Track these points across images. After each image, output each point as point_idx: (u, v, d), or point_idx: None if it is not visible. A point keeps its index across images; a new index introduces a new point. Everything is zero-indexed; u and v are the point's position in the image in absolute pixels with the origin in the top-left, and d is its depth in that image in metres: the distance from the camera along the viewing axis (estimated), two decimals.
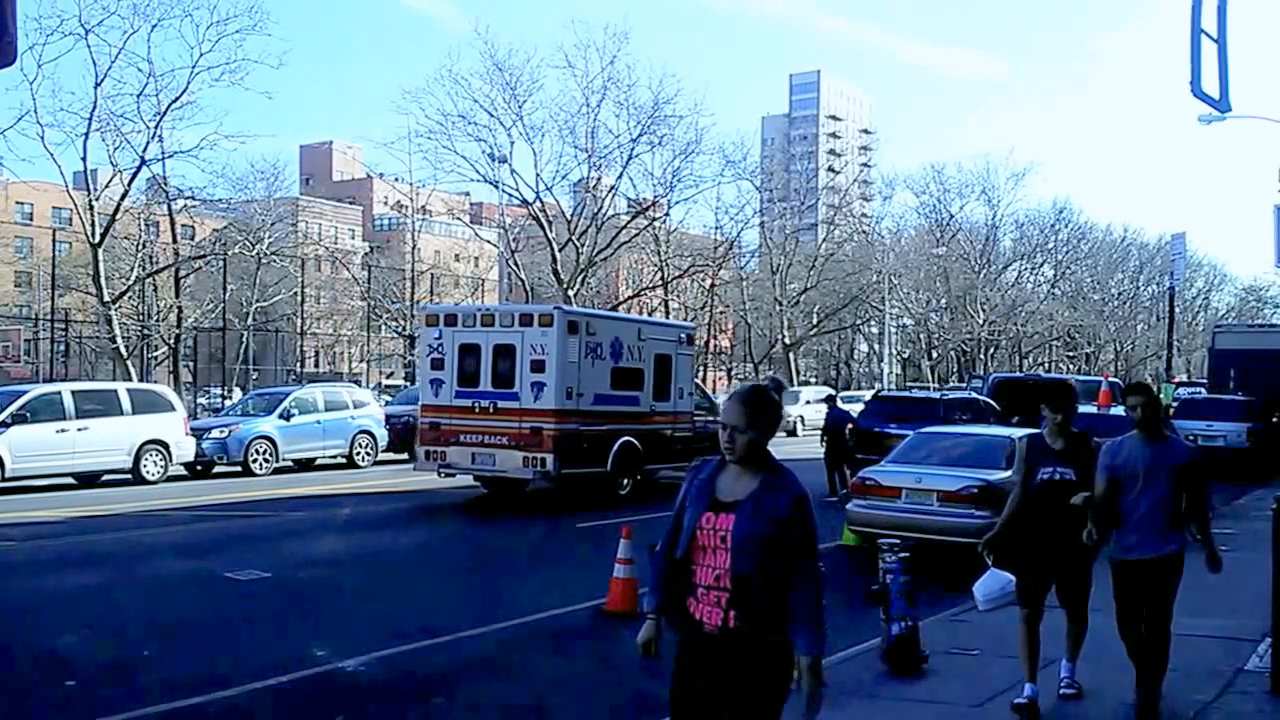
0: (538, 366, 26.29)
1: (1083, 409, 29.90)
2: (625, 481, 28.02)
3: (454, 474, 27.71)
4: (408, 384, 69.19)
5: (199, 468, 34.03)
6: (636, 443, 28.32)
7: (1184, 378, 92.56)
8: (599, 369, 27.50)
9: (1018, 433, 16.32)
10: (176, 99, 50.66)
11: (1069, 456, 9.84)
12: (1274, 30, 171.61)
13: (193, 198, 62.90)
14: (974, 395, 36.60)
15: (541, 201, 66.86)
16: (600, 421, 27.38)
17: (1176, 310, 71.74)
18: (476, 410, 26.85)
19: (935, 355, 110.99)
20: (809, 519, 5.71)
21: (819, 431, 32.57)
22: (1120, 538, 9.63)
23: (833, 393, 41.04)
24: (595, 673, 12.34)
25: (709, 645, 5.73)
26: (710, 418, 30.78)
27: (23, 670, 12.18)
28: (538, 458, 26.07)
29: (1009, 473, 10.43)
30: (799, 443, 47.20)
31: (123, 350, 52.39)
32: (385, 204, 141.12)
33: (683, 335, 31.91)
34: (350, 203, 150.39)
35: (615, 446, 27.72)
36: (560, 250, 65.43)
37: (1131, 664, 9.77)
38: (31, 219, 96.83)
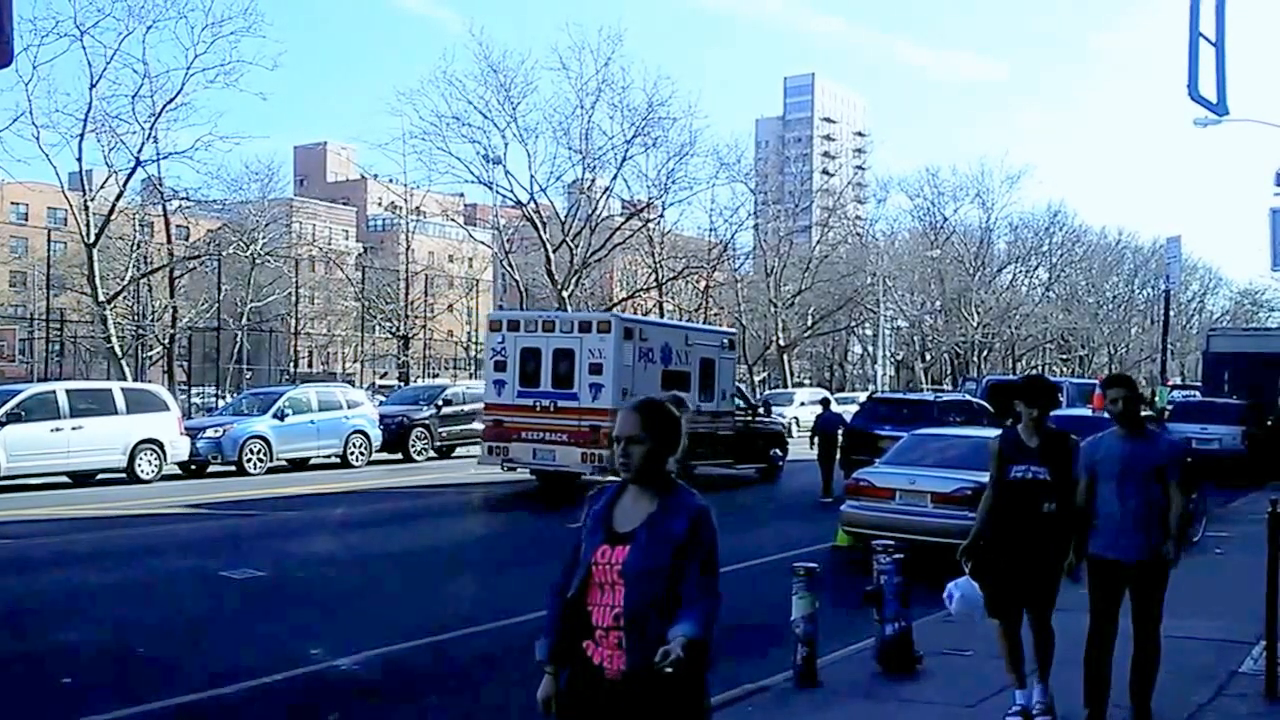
0: (596, 369, 28.42)
1: (1079, 411, 30.00)
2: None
3: (515, 468, 29.51)
4: (401, 384, 69.27)
5: (193, 467, 34.01)
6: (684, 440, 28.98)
7: (1178, 380, 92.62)
8: (651, 371, 29.62)
9: None
10: (171, 100, 50.60)
11: (1043, 455, 9.38)
12: (1270, 33, 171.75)
13: (187, 198, 62.81)
14: (967, 397, 36.69)
15: (536, 203, 66.85)
16: None
17: (1171, 313, 71.72)
18: (537, 409, 28.78)
19: (929, 357, 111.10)
20: (708, 536, 5.13)
21: (809, 434, 33.03)
22: (1097, 537, 9.17)
23: (828, 396, 41.16)
24: None
25: (612, 692, 5.14)
26: (750, 417, 34.11)
27: (19, 667, 12.18)
28: (596, 453, 27.71)
29: None
30: (793, 443, 47.23)
31: (117, 350, 52.37)
32: (379, 205, 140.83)
33: (725, 340, 34.62)
34: (344, 204, 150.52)
35: None
36: (554, 251, 65.43)
37: (1114, 670, 9.29)
38: (27, 219, 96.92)
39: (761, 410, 36.79)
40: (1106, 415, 9.40)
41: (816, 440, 30.82)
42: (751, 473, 34.11)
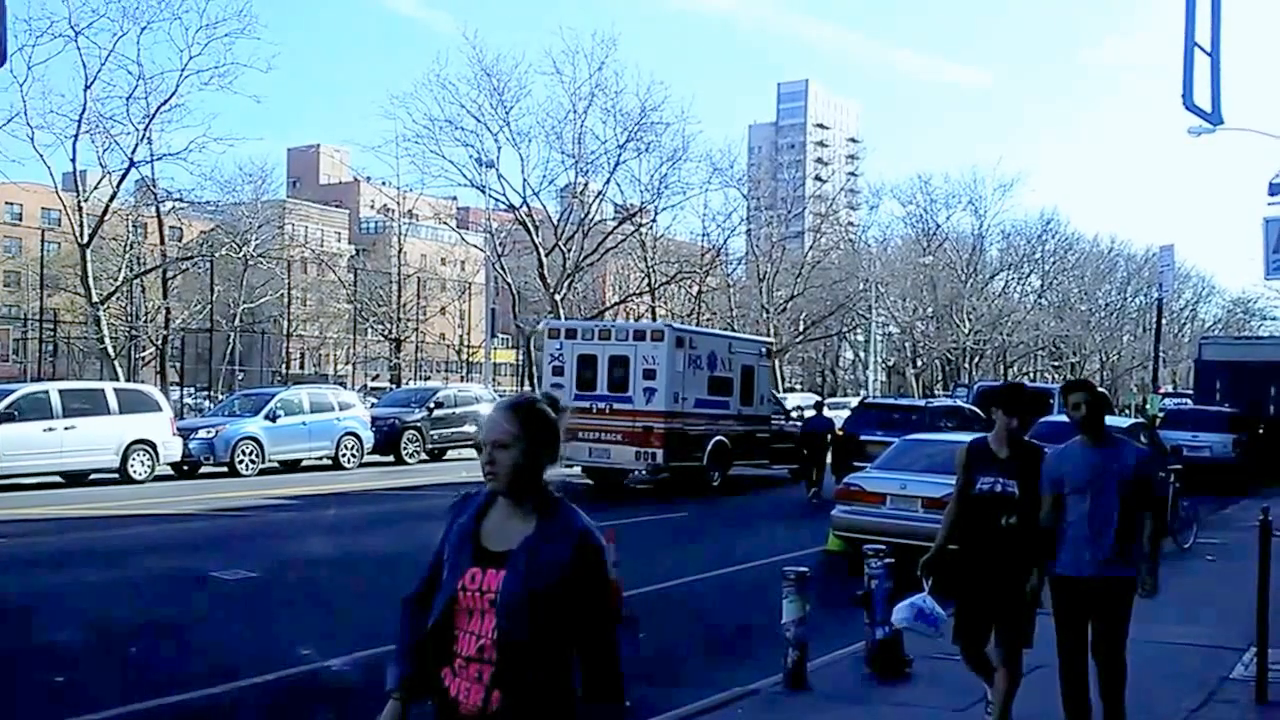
0: (649, 375, 30.36)
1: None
2: (716, 474, 31.84)
3: (572, 465, 30.58)
4: (393, 386, 69.22)
5: (185, 468, 33.97)
6: (726, 441, 32.21)
7: (1170, 388, 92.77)
8: (699, 377, 31.60)
9: None
10: (165, 102, 50.51)
11: (1014, 468, 8.81)
12: (1264, 42, 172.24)
13: (181, 200, 62.86)
14: (958, 403, 36.82)
15: (528, 206, 66.83)
16: (699, 422, 31.36)
17: (1163, 321, 71.87)
18: (594, 411, 30.34)
19: (920, 364, 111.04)
20: (600, 567, 4.49)
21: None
22: (1061, 552, 8.59)
23: (820, 400, 41.47)
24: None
25: None
26: (784, 421, 35.78)
27: (12, 665, 12.19)
28: (648, 452, 30.23)
29: None
30: None
31: (110, 350, 52.34)
32: (372, 207, 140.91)
33: (763, 349, 37.04)
34: (336, 206, 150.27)
35: (710, 444, 31.59)
36: (547, 255, 65.39)
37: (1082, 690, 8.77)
38: (20, 219, 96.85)
39: (794, 415, 37.47)
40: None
41: (806, 443, 31.21)
42: (784, 473, 34.74)
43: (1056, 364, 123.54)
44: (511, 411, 4.59)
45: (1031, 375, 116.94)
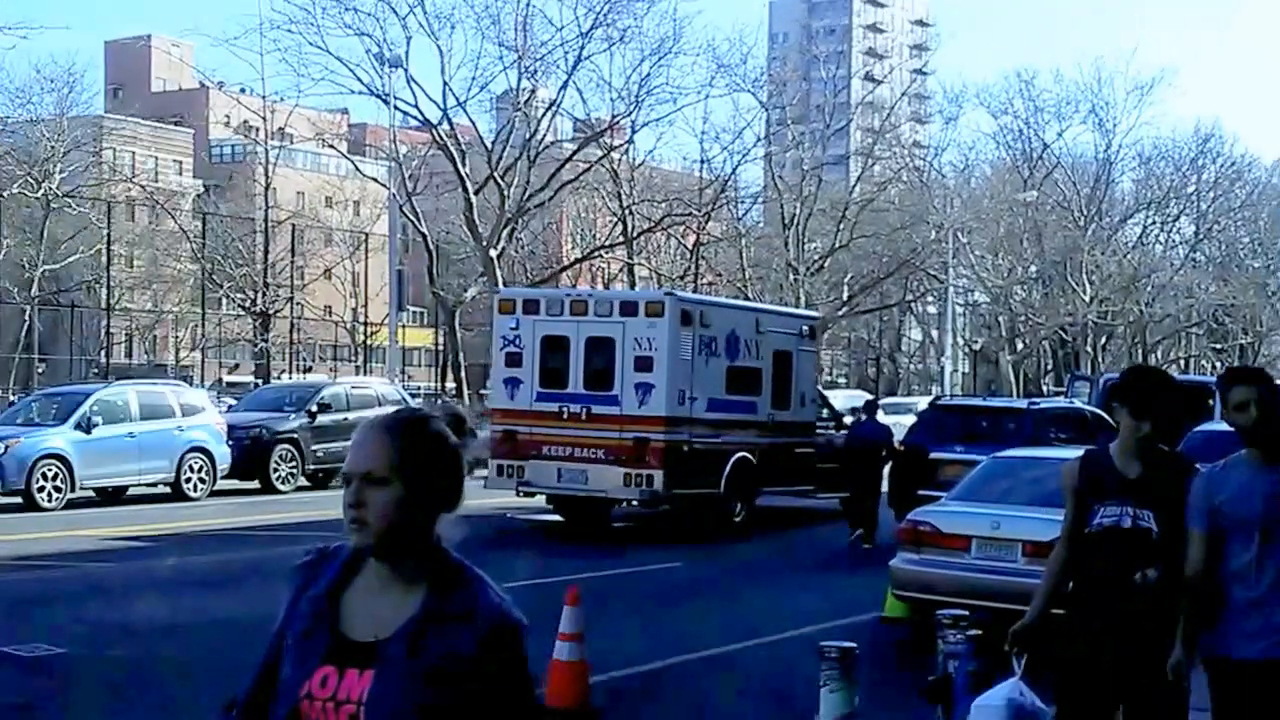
0: (644, 365, 29.79)
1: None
2: (740, 507, 31.78)
3: (534, 493, 30.74)
4: (258, 381, 69.15)
5: None
6: (752, 458, 31.99)
7: None
8: (713, 368, 31.35)
9: None
10: None
11: (1148, 494, 8.38)
12: None
13: None
14: (1076, 404, 36.77)
15: (451, 123, 66.81)
16: (714, 432, 31.11)
17: None
18: (565, 416, 30.25)
19: (1021, 346, 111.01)
20: (518, 663, 4.23)
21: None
22: (1223, 625, 8.19)
23: (873, 399, 41.36)
24: None
25: None
26: (834, 430, 35.23)
27: None
28: (643, 475, 29.48)
29: None
30: None
31: None
32: (227, 125, 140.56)
33: (804, 328, 36.69)
34: (176, 123, 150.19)
35: (730, 463, 31.29)
36: (477, 193, 65.38)
37: None
38: None
39: (849, 421, 37.03)
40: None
41: (850, 461, 31.03)
42: (835, 504, 34.11)
43: (1219, 346, 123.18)
44: (390, 433, 4.27)
45: (1182, 362, 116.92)
